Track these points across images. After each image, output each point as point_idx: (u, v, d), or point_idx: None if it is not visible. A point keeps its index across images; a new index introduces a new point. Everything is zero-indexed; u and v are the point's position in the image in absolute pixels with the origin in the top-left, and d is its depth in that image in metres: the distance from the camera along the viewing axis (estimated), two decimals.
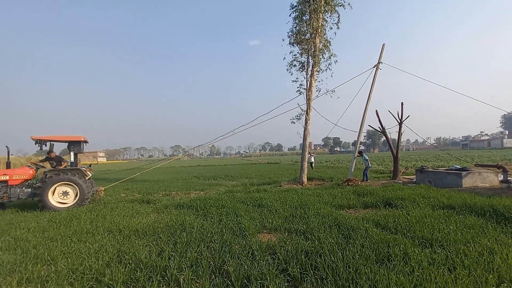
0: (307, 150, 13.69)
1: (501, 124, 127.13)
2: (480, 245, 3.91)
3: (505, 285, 2.92)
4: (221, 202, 7.95)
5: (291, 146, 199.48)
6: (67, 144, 8.92)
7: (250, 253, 3.96)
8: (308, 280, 3.10)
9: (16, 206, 8.56)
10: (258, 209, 7.13)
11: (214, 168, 34.25)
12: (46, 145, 8.81)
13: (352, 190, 9.58)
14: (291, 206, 7.25)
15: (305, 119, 13.22)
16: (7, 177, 8.13)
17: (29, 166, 8.99)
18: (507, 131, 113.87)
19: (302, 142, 13.80)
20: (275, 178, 15.93)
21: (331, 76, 13.51)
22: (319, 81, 13.36)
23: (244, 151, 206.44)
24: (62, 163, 9.18)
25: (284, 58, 13.50)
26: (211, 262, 3.67)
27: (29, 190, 8.30)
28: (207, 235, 4.84)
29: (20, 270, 3.54)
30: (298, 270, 3.31)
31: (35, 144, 8.46)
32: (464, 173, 10.16)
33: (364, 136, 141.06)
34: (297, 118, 13.46)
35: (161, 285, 3.11)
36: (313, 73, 13.01)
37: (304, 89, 13.23)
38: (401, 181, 12.33)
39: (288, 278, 3.23)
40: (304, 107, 13.34)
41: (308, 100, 13.03)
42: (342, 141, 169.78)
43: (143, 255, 3.90)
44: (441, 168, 12.95)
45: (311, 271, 3.29)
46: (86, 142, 9.44)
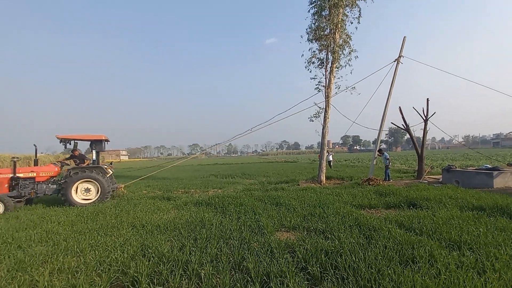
0: (326, 149, 13.46)
1: None
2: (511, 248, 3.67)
3: None
4: (239, 200, 8.02)
5: (309, 145, 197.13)
6: (89, 142, 9.34)
7: (269, 250, 3.96)
8: (329, 279, 3.05)
9: (46, 202, 9.11)
10: (276, 207, 7.12)
11: (231, 166, 34.57)
12: (70, 144, 9.24)
13: (373, 190, 9.31)
14: (309, 205, 7.17)
15: (324, 117, 12.99)
16: (34, 174, 8.63)
17: (54, 163, 9.50)
18: None
19: (320, 140, 13.59)
20: (292, 177, 15.81)
21: (351, 72, 13.16)
22: (339, 78, 13.08)
23: (261, 150, 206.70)
24: (85, 161, 9.61)
25: (302, 55, 13.32)
26: (231, 258, 3.72)
27: (55, 186, 8.78)
28: (226, 232, 4.90)
29: (52, 261, 3.76)
30: (318, 269, 3.27)
31: (60, 142, 8.90)
32: (495, 172, 9.55)
33: (386, 134, 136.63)
34: (316, 116, 13.27)
35: (183, 279, 3.18)
36: (333, 69, 12.75)
37: (323, 86, 13.00)
38: (426, 181, 11.80)
39: (308, 276, 3.20)
40: (322, 105, 13.12)
41: (327, 97, 12.79)
42: (362, 140, 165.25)
43: (165, 249, 4.03)
44: (470, 168, 12.25)
45: (331, 270, 3.24)
46: (107, 140, 9.80)
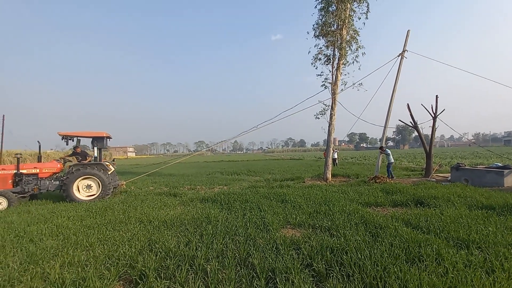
0: (332, 146, 13.38)
1: None
2: None
3: None
4: (245, 197, 8.06)
5: (315, 142, 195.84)
6: (91, 139, 9.37)
7: (274, 247, 3.98)
8: (334, 276, 3.05)
9: (56, 197, 9.31)
10: (281, 204, 7.13)
11: (237, 163, 34.68)
12: (73, 140, 9.36)
13: (379, 188, 9.23)
14: (315, 202, 7.16)
15: (330, 114, 12.89)
16: (38, 170, 8.79)
17: (57, 160, 9.62)
18: None
19: (326, 137, 13.51)
20: (298, 174, 15.78)
21: (359, 69, 12.99)
22: (345, 75, 12.95)
23: (267, 147, 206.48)
24: (87, 157, 9.73)
25: (309, 52, 13.21)
26: (236, 254, 3.75)
27: (57, 182, 8.88)
28: (232, 228, 4.94)
29: (62, 255, 3.85)
30: (323, 266, 3.27)
31: (62, 139, 9.01)
32: (506, 171, 9.35)
33: (394, 131, 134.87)
34: (322, 114, 13.18)
35: (190, 273, 3.23)
36: (339, 66, 12.61)
37: (329, 83, 12.89)
38: (434, 179, 11.63)
39: (313, 273, 3.21)
40: (328, 102, 13.02)
41: (334, 94, 12.68)
42: (368, 137, 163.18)
43: (172, 244, 4.08)
44: (480, 166, 12.01)
45: (337, 267, 3.24)
46: (109, 137, 9.86)
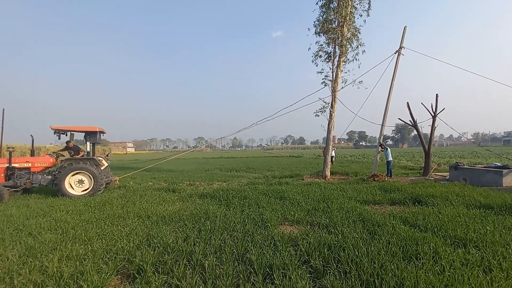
0: (331, 144, 13.37)
1: None
2: None
3: None
4: (243, 193, 8.07)
5: (314, 140, 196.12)
6: (83, 134, 9.25)
7: (272, 243, 3.99)
8: (331, 273, 3.06)
9: (54, 191, 9.29)
10: (280, 201, 7.15)
11: (236, 160, 34.68)
12: (66, 135, 9.22)
13: (378, 186, 9.25)
14: (313, 199, 7.17)
15: (330, 112, 12.86)
16: (30, 164, 8.73)
17: (50, 154, 9.51)
18: None
19: (325, 135, 13.50)
20: (297, 171, 15.79)
21: (358, 67, 12.93)
22: (346, 72, 12.87)
23: (266, 144, 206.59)
24: (80, 152, 9.61)
25: (309, 48, 13.13)
26: (234, 250, 3.76)
27: (50, 177, 8.82)
28: (230, 224, 4.95)
29: (61, 248, 3.85)
30: (321, 262, 3.28)
31: (54, 134, 8.85)
32: (505, 171, 9.36)
33: (393, 130, 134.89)
34: (322, 111, 13.14)
35: (187, 269, 3.24)
36: (340, 63, 12.55)
37: (330, 80, 12.83)
38: (433, 178, 11.66)
39: (311, 269, 3.22)
40: (328, 100, 12.97)
41: (334, 91, 12.64)
42: (368, 135, 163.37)
43: (170, 240, 4.09)
44: (479, 166, 12.04)
45: (334, 264, 3.25)
46: (103, 132, 9.75)
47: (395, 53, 12.74)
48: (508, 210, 5.63)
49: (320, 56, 13.04)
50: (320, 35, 12.93)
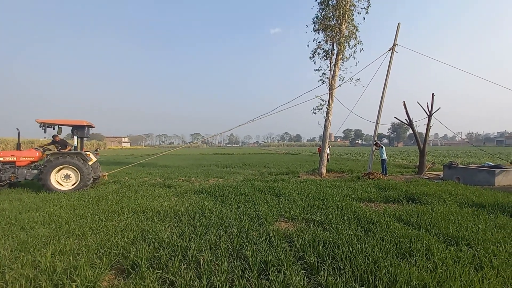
0: (328, 142, 13.42)
1: None
2: (511, 246, 3.68)
3: None
4: (239, 189, 8.07)
5: (310, 137, 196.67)
6: (71, 128, 9.02)
7: (267, 239, 4.01)
8: (325, 269, 3.08)
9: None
10: (275, 198, 7.16)
11: (232, 156, 34.67)
12: (54, 129, 8.96)
13: (373, 184, 9.33)
14: (309, 196, 7.20)
15: (327, 110, 12.89)
16: (15, 158, 8.53)
17: (36, 148, 9.28)
18: None
19: (322, 133, 13.53)
20: (293, 169, 15.85)
21: (356, 65, 12.95)
22: (343, 70, 12.90)
23: (263, 141, 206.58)
24: (67, 146, 9.45)
25: (308, 45, 13.12)
26: (229, 246, 3.76)
27: (36, 171, 8.63)
28: (226, 220, 4.95)
29: (54, 243, 3.82)
30: (315, 259, 3.30)
31: (40, 127, 8.57)
32: (497, 170, 9.51)
33: (389, 129, 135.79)
34: (319, 109, 13.16)
35: (182, 264, 3.23)
36: (337, 61, 12.56)
37: (327, 78, 12.84)
38: (427, 177, 11.79)
39: (305, 266, 3.24)
40: (325, 97, 12.99)
41: (331, 89, 12.65)
42: (364, 134, 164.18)
43: (165, 235, 4.08)
44: (472, 165, 12.20)
45: (328, 260, 3.27)
46: (91, 126, 9.53)
47: (389, 50, 12.76)
48: (499, 209, 5.72)
49: (318, 54, 13.04)
50: (318, 32, 12.93)
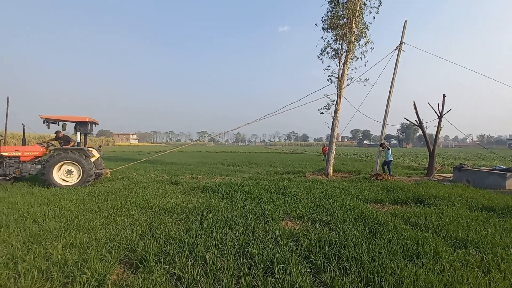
0: (335, 141, 13.33)
1: None
2: None
3: None
4: (246, 188, 8.11)
5: (317, 137, 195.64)
6: (74, 124, 9.12)
7: (273, 238, 4.03)
8: (331, 269, 3.09)
9: None
10: (281, 197, 7.17)
11: (239, 155, 34.75)
12: (58, 125, 9.06)
13: (381, 185, 9.23)
14: (315, 196, 7.19)
15: (335, 109, 12.78)
16: (19, 153, 8.72)
17: (40, 144, 9.46)
18: None
19: (329, 132, 13.45)
20: (299, 168, 15.80)
21: (365, 64, 12.79)
22: (352, 69, 12.74)
23: (269, 140, 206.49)
24: (70, 142, 9.57)
25: (317, 44, 13.00)
26: (235, 243, 3.80)
27: (39, 166, 8.81)
28: (232, 218, 4.99)
29: (65, 236, 3.93)
30: (321, 258, 3.30)
31: (43, 123, 8.66)
32: (509, 174, 9.29)
33: (398, 129, 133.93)
34: (326, 108, 13.07)
35: (189, 260, 3.28)
36: (347, 60, 12.42)
37: (336, 77, 12.73)
38: (436, 179, 11.60)
39: (311, 265, 3.24)
40: (333, 97, 12.89)
41: (339, 89, 12.55)
42: (372, 134, 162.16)
43: (173, 231, 4.14)
44: (483, 168, 11.94)
45: (334, 260, 3.27)
46: (94, 123, 9.65)
47: (396, 49, 12.55)
48: (509, 213, 5.60)
49: (327, 53, 12.92)
50: (327, 31, 12.79)
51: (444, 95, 13.09)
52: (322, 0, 12.77)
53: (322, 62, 13.06)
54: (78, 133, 9.16)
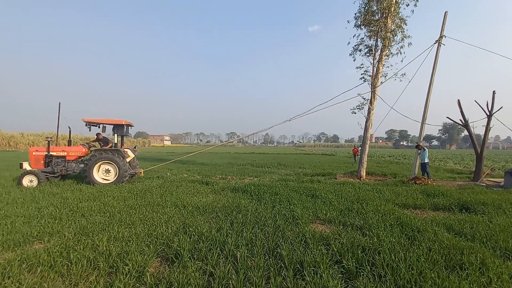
0: (368, 143, 12.77)
1: None
2: None
3: None
4: (275, 189, 8.11)
5: (349, 138, 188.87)
6: (112, 126, 9.84)
7: (303, 240, 3.99)
8: (364, 276, 2.98)
9: None
10: (311, 199, 7.06)
11: (267, 156, 34.80)
12: (99, 127, 9.82)
13: (419, 189, 8.64)
14: (346, 199, 6.96)
15: (368, 109, 12.23)
16: (65, 153, 9.65)
17: (83, 145, 10.36)
18: None
19: (361, 133, 12.91)
20: (329, 170, 15.39)
21: (401, 61, 12.06)
22: (388, 67, 12.08)
23: (298, 141, 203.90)
24: (108, 143, 10.31)
25: (349, 43, 12.54)
26: (265, 244, 3.83)
27: (82, 165, 9.61)
28: (261, 219, 5.04)
29: (109, 230, 4.28)
30: (354, 264, 3.20)
31: (86, 126, 9.57)
32: None
33: (440, 129, 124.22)
34: (359, 108, 12.56)
35: (220, 258, 3.39)
36: (382, 57, 11.82)
37: (369, 75, 12.18)
38: (484, 184, 10.55)
39: (343, 270, 3.16)
40: (367, 96, 12.34)
41: (373, 87, 11.99)
42: (410, 135, 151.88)
43: (204, 229, 4.30)
44: None
45: (368, 267, 3.15)
46: (130, 125, 10.33)
47: (435, 43, 11.63)
48: None
49: (360, 50, 12.41)
50: (360, 28, 12.30)
51: (494, 91, 11.87)
52: None
53: (354, 60, 12.60)
54: (115, 135, 9.93)
